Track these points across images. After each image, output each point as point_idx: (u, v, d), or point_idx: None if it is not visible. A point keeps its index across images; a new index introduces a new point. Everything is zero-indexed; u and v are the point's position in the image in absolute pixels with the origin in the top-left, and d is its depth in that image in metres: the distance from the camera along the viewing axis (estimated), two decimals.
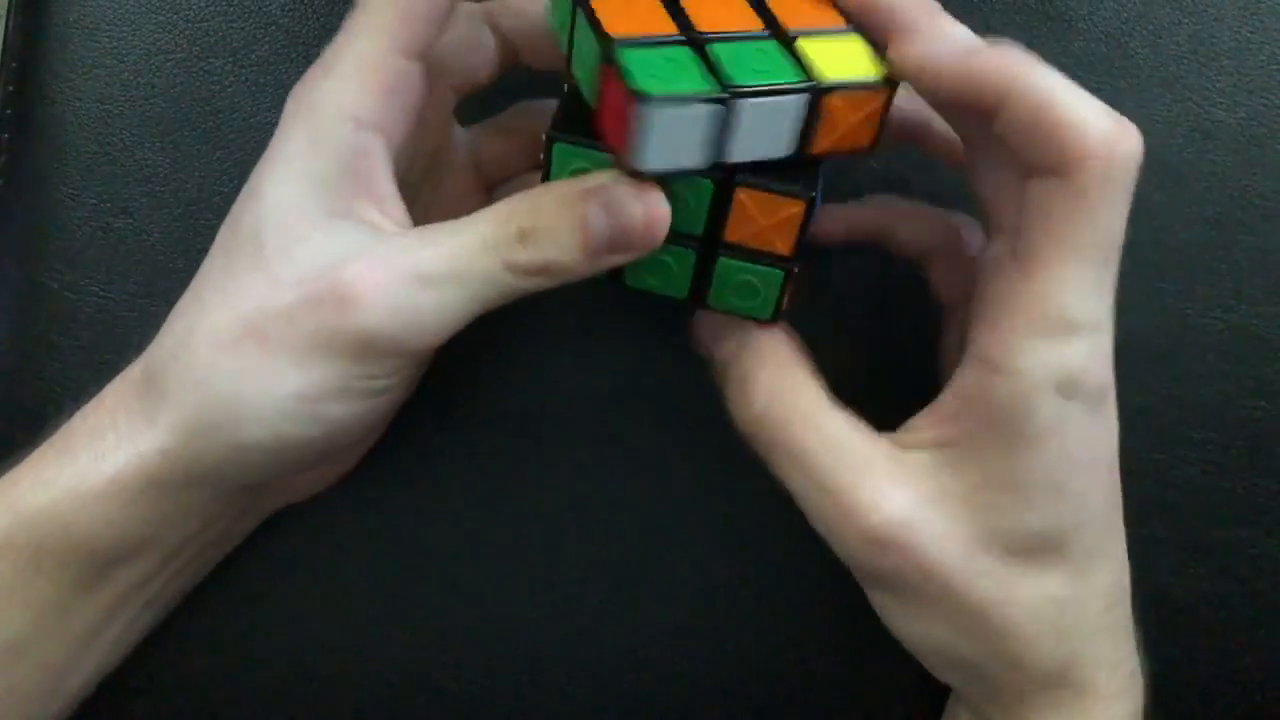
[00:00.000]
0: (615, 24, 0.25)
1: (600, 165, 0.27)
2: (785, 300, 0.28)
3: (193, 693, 0.34)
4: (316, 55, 0.35)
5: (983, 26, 0.29)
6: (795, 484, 0.28)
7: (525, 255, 0.26)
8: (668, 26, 0.26)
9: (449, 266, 0.27)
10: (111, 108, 0.35)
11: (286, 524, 0.34)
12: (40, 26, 0.36)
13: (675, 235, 0.27)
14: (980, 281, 0.28)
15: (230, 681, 0.34)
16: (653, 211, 0.26)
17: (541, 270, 0.27)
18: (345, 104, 0.28)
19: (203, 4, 0.36)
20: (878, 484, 0.27)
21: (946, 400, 0.28)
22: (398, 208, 0.29)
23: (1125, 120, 0.25)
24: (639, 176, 0.26)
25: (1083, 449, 0.27)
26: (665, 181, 0.26)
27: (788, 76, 0.26)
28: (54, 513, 0.28)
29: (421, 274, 0.26)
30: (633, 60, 0.24)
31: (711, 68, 0.25)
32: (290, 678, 0.34)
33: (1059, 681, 0.28)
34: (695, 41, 0.26)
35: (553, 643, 0.34)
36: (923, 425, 0.28)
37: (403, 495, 0.34)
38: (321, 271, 0.27)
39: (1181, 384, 0.35)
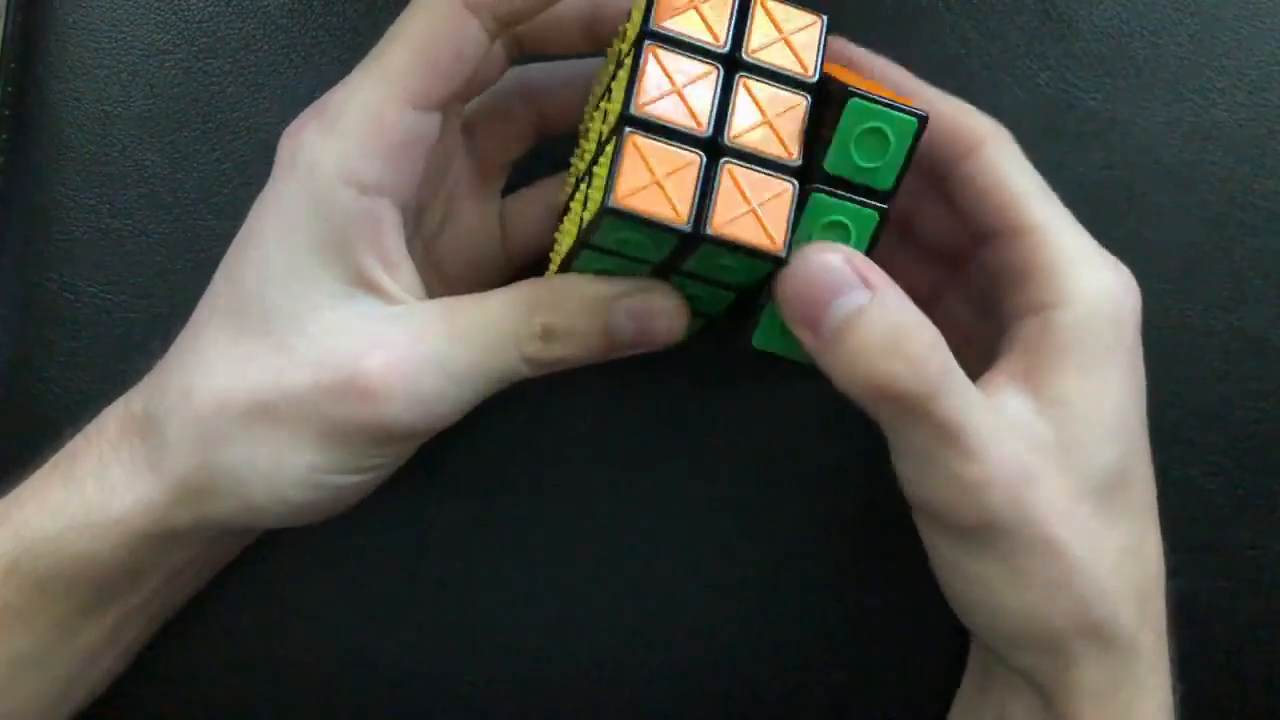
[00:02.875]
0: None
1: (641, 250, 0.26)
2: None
3: (193, 693, 0.34)
4: (316, 56, 0.35)
5: (983, 27, 0.29)
6: (914, 436, 0.26)
7: (546, 352, 0.27)
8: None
9: (473, 367, 0.27)
10: (110, 108, 0.35)
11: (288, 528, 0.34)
12: (40, 26, 0.36)
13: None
14: (988, 279, 0.29)
15: (230, 682, 0.34)
16: (676, 318, 0.28)
17: (558, 365, 0.28)
18: (347, 167, 0.26)
19: (202, 4, 0.36)
20: (997, 429, 0.26)
21: (1012, 358, 0.28)
22: (408, 272, 0.28)
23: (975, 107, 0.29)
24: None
25: (1135, 375, 0.28)
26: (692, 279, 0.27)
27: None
28: (61, 541, 0.28)
29: (445, 371, 0.27)
30: None
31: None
32: (290, 678, 0.34)
33: (1129, 651, 0.27)
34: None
35: (554, 645, 0.34)
36: (999, 382, 0.27)
37: (404, 495, 0.34)
38: (340, 358, 0.27)
39: (1182, 385, 0.35)
